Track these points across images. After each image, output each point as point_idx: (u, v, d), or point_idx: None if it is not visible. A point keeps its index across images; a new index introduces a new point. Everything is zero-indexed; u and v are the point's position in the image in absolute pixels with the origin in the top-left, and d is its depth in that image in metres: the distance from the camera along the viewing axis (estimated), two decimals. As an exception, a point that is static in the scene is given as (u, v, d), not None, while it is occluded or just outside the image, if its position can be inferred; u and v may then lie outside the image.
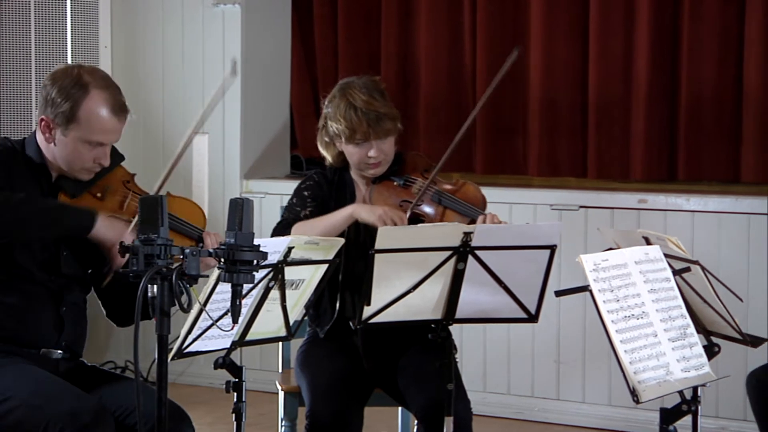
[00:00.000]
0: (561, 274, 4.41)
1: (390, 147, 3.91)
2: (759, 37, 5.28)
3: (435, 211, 3.88)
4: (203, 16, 6.09)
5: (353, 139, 3.86)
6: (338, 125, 3.86)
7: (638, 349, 2.94)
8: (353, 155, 3.90)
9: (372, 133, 3.84)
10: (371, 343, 3.85)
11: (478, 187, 3.96)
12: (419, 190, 3.88)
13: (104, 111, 3.43)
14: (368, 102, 3.84)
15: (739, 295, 3.38)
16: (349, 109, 3.85)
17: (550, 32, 5.70)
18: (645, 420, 5.10)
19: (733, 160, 5.44)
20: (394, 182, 3.94)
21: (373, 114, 3.84)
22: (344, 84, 3.93)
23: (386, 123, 3.85)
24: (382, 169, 3.92)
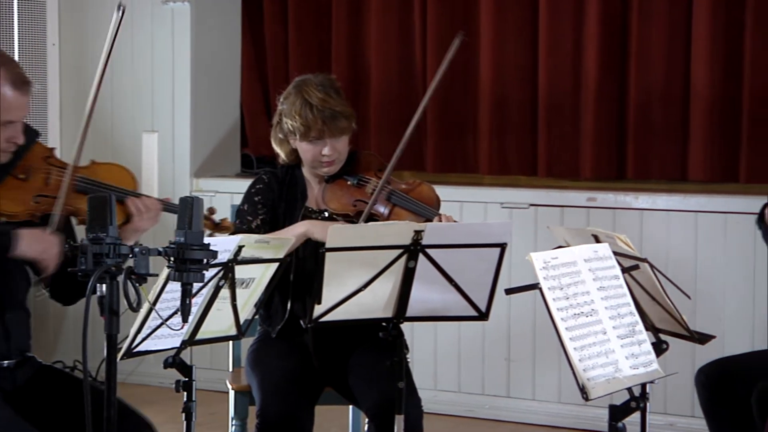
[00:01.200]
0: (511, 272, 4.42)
1: (344, 146, 3.91)
2: (706, 37, 5.32)
3: (389, 210, 3.88)
4: (152, 14, 6.05)
5: (308, 137, 3.85)
6: (293, 122, 3.85)
7: (587, 347, 2.96)
8: (307, 153, 3.89)
9: (327, 131, 3.83)
10: (322, 341, 3.85)
11: (433, 188, 3.97)
12: (373, 190, 3.88)
13: (6, 88, 3.35)
14: (324, 100, 3.84)
15: (687, 292, 3.40)
16: (304, 106, 3.84)
17: (499, 31, 5.71)
18: (594, 417, 5.13)
19: (681, 158, 5.48)
20: (347, 181, 3.93)
21: (329, 112, 3.83)
22: (300, 81, 3.92)
23: (341, 121, 3.85)
24: (335, 167, 3.92)
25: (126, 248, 2.68)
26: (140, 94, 6.09)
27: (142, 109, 6.10)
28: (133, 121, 6.11)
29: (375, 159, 4.03)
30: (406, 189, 3.94)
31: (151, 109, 6.10)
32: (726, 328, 5.02)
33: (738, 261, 5.05)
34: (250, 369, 3.86)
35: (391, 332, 3.39)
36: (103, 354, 2.68)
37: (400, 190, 3.92)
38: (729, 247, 5.09)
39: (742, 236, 5.00)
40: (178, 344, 3.19)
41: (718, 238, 5.12)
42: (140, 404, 3.67)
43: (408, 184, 3.97)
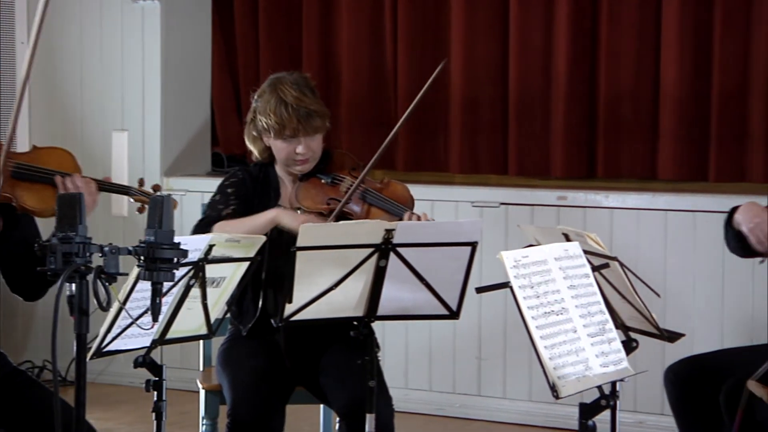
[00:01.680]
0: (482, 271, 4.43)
1: (318, 144, 3.91)
2: (675, 36, 5.35)
3: (362, 209, 3.89)
4: (122, 12, 6.02)
5: (282, 135, 3.85)
6: (268, 120, 3.85)
7: (558, 345, 2.96)
8: (281, 151, 3.89)
9: (301, 129, 3.83)
10: (293, 340, 3.84)
11: (406, 186, 3.98)
12: (347, 189, 3.88)
13: None
14: (299, 98, 3.84)
15: (657, 290, 3.41)
16: (279, 104, 3.84)
17: (470, 30, 5.72)
18: (565, 415, 5.14)
19: (650, 157, 5.51)
20: (321, 180, 3.94)
21: (304, 110, 3.84)
22: (275, 79, 3.92)
23: (316, 120, 3.85)
24: (309, 166, 3.92)
25: (96, 247, 2.67)
26: (110, 93, 6.06)
27: (112, 108, 6.08)
28: (103, 120, 6.08)
29: (349, 158, 4.04)
30: (380, 187, 3.95)
31: (121, 108, 6.08)
32: (695, 326, 5.05)
33: (707, 259, 5.08)
34: (220, 368, 3.85)
35: (362, 331, 3.39)
36: (72, 353, 2.67)
37: (374, 189, 3.93)
38: (698, 246, 5.12)
39: (711, 235, 5.02)
40: (149, 343, 3.18)
41: (688, 236, 5.15)
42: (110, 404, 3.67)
43: (382, 183, 3.98)
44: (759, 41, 5.22)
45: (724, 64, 5.29)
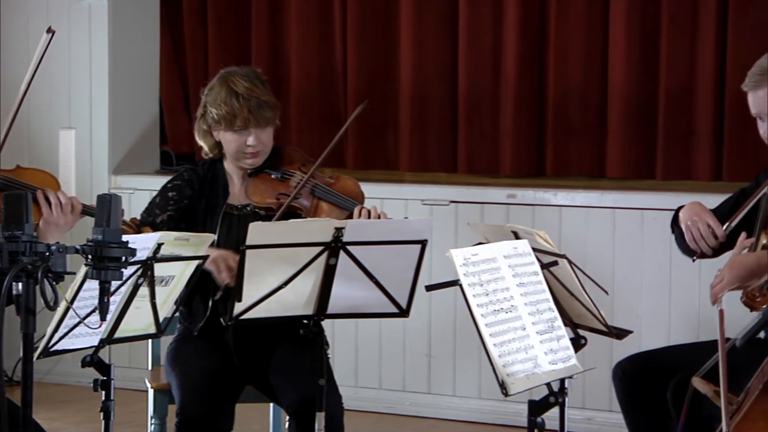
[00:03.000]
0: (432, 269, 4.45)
1: (269, 138, 3.91)
2: (623, 36, 5.38)
3: (312, 203, 3.89)
4: (69, 10, 5.97)
5: (233, 126, 3.84)
6: (218, 111, 3.84)
7: (507, 343, 2.98)
8: (231, 143, 3.88)
9: (252, 119, 3.83)
10: (243, 339, 3.83)
11: (357, 182, 3.99)
12: (297, 184, 3.88)
13: None
14: (250, 89, 3.84)
15: (605, 288, 3.43)
16: (230, 94, 3.84)
17: (419, 28, 5.73)
18: (514, 412, 5.16)
19: (599, 155, 5.54)
20: (271, 175, 3.94)
21: (255, 101, 3.84)
22: (225, 72, 3.93)
23: (267, 111, 3.85)
24: (259, 159, 3.91)
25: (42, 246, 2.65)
26: (57, 91, 6.01)
27: (59, 106, 6.03)
28: (50, 118, 6.03)
29: (299, 154, 4.04)
30: (330, 182, 3.95)
31: (68, 106, 6.03)
32: (643, 323, 5.08)
33: (654, 257, 5.12)
34: (169, 367, 3.83)
35: (312, 329, 3.39)
36: (19, 353, 2.64)
37: (324, 184, 3.93)
38: (646, 243, 5.16)
39: (658, 232, 5.06)
40: (96, 343, 3.16)
41: (635, 234, 5.18)
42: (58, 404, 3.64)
43: (332, 178, 3.98)
44: (705, 41, 5.27)
45: (671, 64, 5.33)
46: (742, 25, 5.19)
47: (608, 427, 5.15)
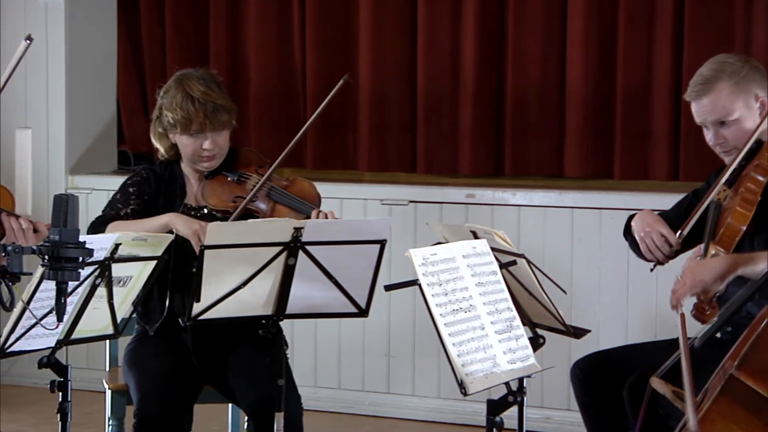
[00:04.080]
0: (391, 269, 4.46)
1: (225, 140, 3.89)
2: (581, 37, 5.41)
3: (268, 207, 3.88)
4: (25, 9, 5.93)
5: (189, 130, 3.83)
6: (174, 115, 3.82)
7: (466, 342, 2.98)
8: (187, 147, 3.87)
9: (208, 124, 3.82)
10: (201, 339, 3.82)
11: (313, 184, 3.98)
12: (254, 187, 3.87)
13: None
14: (206, 93, 3.82)
15: (563, 287, 3.45)
16: (186, 99, 3.82)
17: (378, 28, 5.74)
18: (473, 412, 5.17)
19: (557, 155, 5.56)
20: (227, 178, 3.92)
21: (210, 105, 3.82)
22: (181, 75, 3.90)
23: (223, 115, 3.84)
24: (216, 162, 3.90)
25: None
26: (13, 90, 5.95)
27: (15, 105, 5.98)
28: (6, 118, 5.98)
29: (255, 156, 4.03)
30: (286, 185, 3.94)
31: (25, 105, 5.98)
32: (601, 322, 5.11)
33: (612, 256, 5.14)
34: (127, 368, 3.81)
35: (271, 330, 3.38)
36: (-25, 355, 2.62)
37: (280, 187, 3.92)
38: (603, 243, 5.18)
39: (616, 231, 5.05)
40: (53, 344, 3.14)
41: (593, 233, 5.21)
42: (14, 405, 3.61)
43: (288, 181, 3.97)
44: (662, 41, 5.30)
45: (629, 64, 5.37)
46: (698, 26, 5.23)
47: (566, 426, 5.17)
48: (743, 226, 3.47)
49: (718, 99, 3.61)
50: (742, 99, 3.61)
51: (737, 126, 3.62)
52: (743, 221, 3.47)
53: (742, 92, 3.61)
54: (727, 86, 3.61)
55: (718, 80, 3.62)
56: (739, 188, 3.54)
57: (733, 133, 3.63)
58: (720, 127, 3.64)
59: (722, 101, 3.61)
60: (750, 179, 3.52)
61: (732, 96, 3.61)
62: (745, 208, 3.48)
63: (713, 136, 3.67)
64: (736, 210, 3.48)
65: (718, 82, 3.62)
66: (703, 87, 3.64)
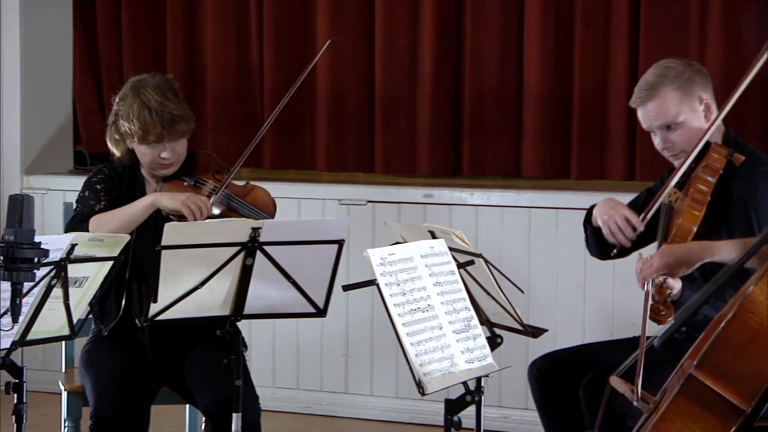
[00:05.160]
0: (349, 269, 4.46)
1: (183, 147, 3.88)
2: (537, 37, 5.43)
3: (223, 213, 3.86)
4: (-20, 7, 5.89)
5: (146, 140, 3.81)
6: (131, 125, 3.80)
7: (424, 342, 2.99)
8: (145, 155, 3.85)
9: (166, 134, 3.80)
10: (158, 340, 3.80)
11: (268, 192, 3.97)
12: (210, 192, 3.86)
13: None
14: (162, 103, 3.79)
15: (521, 287, 3.46)
16: (142, 109, 3.79)
17: (336, 28, 5.72)
18: (431, 411, 5.18)
19: (514, 155, 5.58)
20: (185, 182, 3.91)
21: (168, 116, 3.79)
22: (137, 82, 3.86)
23: (181, 125, 3.82)
24: (174, 168, 3.90)
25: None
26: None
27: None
28: (-39, 117, 5.94)
29: (213, 160, 4.01)
30: (242, 193, 3.93)
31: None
32: (558, 321, 5.14)
33: (570, 255, 5.17)
34: (83, 369, 3.79)
35: (229, 330, 3.37)
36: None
37: (236, 194, 3.91)
38: (561, 242, 5.21)
39: (573, 231, 5.10)
40: (8, 345, 3.12)
41: (551, 233, 5.23)
42: (-31, 408, 3.57)
43: (243, 188, 3.95)
44: (618, 42, 5.33)
45: (585, 64, 5.39)
46: (654, 28, 5.26)
47: (524, 425, 5.19)
48: (694, 226, 3.50)
49: (663, 104, 3.65)
50: (686, 102, 3.66)
51: (684, 129, 3.66)
52: (694, 221, 3.50)
53: (686, 95, 3.65)
54: (671, 90, 3.65)
55: (662, 85, 3.66)
56: (689, 190, 3.57)
57: (680, 137, 3.66)
58: (667, 131, 3.68)
59: (667, 105, 3.65)
60: (699, 180, 3.56)
61: (676, 100, 3.65)
62: (695, 209, 3.52)
63: (661, 140, 3.71)
64: (687, 211, 3.51)
65: (662, 87, 3.66)
66: (647, 93, 3.68)
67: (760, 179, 3.57)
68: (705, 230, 3.56)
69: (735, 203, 3.56)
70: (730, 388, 2.68)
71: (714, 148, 3.60)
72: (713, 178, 3.55)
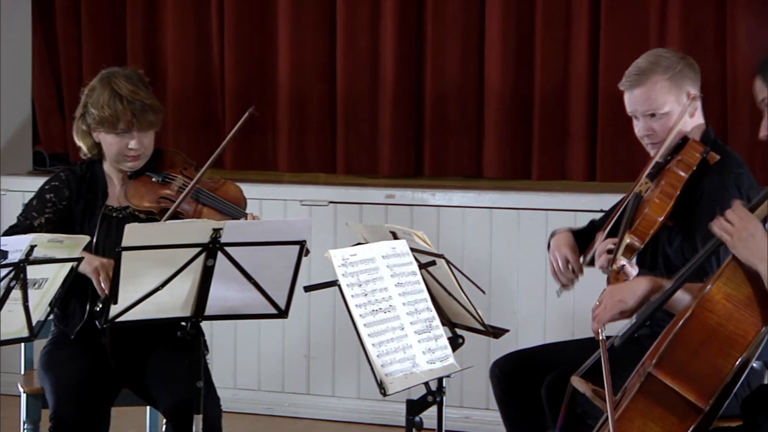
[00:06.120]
0: (311, 270, 4.45)
1: (150, 141, 3.88)
2: (499, 37, 5.45)
3: (194, 209, 3.85)
4: (-64, 6, 5.84)
5: (115, 128, 3.80)
6: (101, 113, 3.79)
7: (385, 343, 2.99)
8: (112, 146, 3.83)
9: (135, 123, 3.79)
10: (119, 342, 3.79)
11: (239, 187, 3.96)
12: (179, 188, 3.84)
13: None
14: (134, 92, 3.80)
15: (482, 287, 3.47)
16: (113, 97, 3.79)
17: (297, 29, 5.72)
18: (392, 412, 5.19)
19: (476, 156, 5.60)
20: (152, 178, 3.89)
21: (139, 104, 3.80)
22: (108, 73, 3.88)
23: (150, 115, 3.82)
24: (140, 162, 3.87)
25: None
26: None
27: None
28: None
29: (180, 157, 4.01)
30: (213, 187, 3.92)
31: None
32: (519, 321, 5.15)
33: (531, 256, 5.18)
34: (43, 371, 3.77)
35: (190, 331, 3.36)
36: None
37: (207, 189, 3.90)
38: (522, 242, 5.22)
39: (534, 231, 5.13)
40: (-33, 347, 3.09)
41: (512, 233, 5.25)
42: (-73, 411, 3.55)
43: (214, 182, 3.94)
44: (578, 43, 5.35)
45: (546, 65, 5.41)
46: (614, 28, 5.29)
47: (486, 425, 5.20)
48: (660, 217, 3.53)
49: (651, 91, 3.68)
50: (674, 94, 3.67)
51: (667, 119, 3.68)
52: (660, 213, 3.53)
53: (675, 87, 3.67)
54: (661, 79, 3.67)
55: (653, 72, 3.68)
56: (660, 181, 3.60)
57: (662, 126, 3.68)
58: (650, 118, 3.70)
59: (655, 93, 3.67)
60: (672, 174, 3.59)
61: (665, 89, 3.67)
62: (663, 200, 3.54)
63: (643, 127, 3.73)
64: (654, 201, 3.54)
65: (653, 74, 3.68)
66: (637, 78, 3.69)
67: (730, 180, 3.60)
68: (671, 224, 3.59)
69: (704, 200, 3.58)
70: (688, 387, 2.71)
71: (691, 144, 3.63)
72: (686, 174, 3.58)
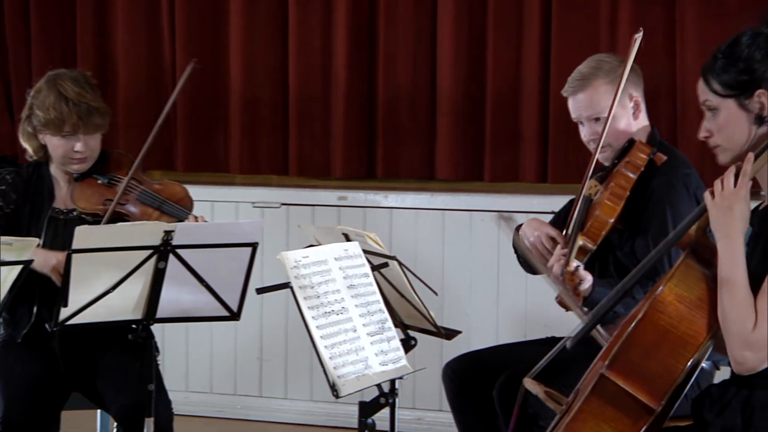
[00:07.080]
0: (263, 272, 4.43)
1: (97, 143, 3.85)
2: (451, 40, 5.45)
3: (140, 210, 3.83)
4: None
5: (61, 131, 3.77)
6: (46, 115, 3.76)
7: (338, 344, 2.99)
8: (58, 148, 3.81)
9: (81, 126, 3.77)
10: (69, 345, 3.76)
11: (185, 187, 3.95)
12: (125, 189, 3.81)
13: None
14: (80, 94, 3.78)
15: (435, 289, 3.47)
16: (59, 99, 3.76)
17: (249, 31, 5.70)
18: (345, 414, 5.18)
19: (428, 158, 5.59)
20: (97, 180, 3.87)
21: (85, 107, 3.78)
22: (54, 75, 3.86)
23: (96, 118, 3.80)
24: (86, 165, 3.85)
25: None
26: None
27: None
28: None
29: (126, 159, 3.99)
30: (158, 189, 3.90)
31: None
32: (472, 323, 5.16)
33: (483, 257, 5.20)
34: (-8, 375, 3.73)
35: (141, 334, 3.34)
36: None
37: (152, 190, 3.87)
38: (474, 244, 5.24)
39: (486, 233, 5.15)
40: None
41: (464, 235, 5.26)
42: None
43: (160, 184, 3.93)
44: (530, 45, 5.37)
45: (498, 67, 5.42)
46: (565, 31, 5.31)
47: (438, 427, 5.21)
48: (611, 219, 3.56)
49: (594, 95, 3.71)
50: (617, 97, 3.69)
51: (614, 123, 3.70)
52: (611, 214, 3.56)
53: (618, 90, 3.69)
54: (603, 83, 3.70)
55: (595, 77, 3.71)
56: (609, 183, 3.63)
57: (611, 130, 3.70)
58: (595, 123, 3.73)
59: (598, 98, 3.71)
60: (620, 175, 3.62)
61: (607, 93, 3.70)
62: (613, 202, 3.57)
63: (588, 131, 3.75)
64: (605, 203, 3.56)
65: (595, 79, 3.71)
66: (580, 83, 3.72)
67: (678, 180, 3.63)
68: (621, 227, 3.62)
69: (653, 201, 3.61)
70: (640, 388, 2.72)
71: (638, 146, 3.66)
72: (634, 175, 3.61)
